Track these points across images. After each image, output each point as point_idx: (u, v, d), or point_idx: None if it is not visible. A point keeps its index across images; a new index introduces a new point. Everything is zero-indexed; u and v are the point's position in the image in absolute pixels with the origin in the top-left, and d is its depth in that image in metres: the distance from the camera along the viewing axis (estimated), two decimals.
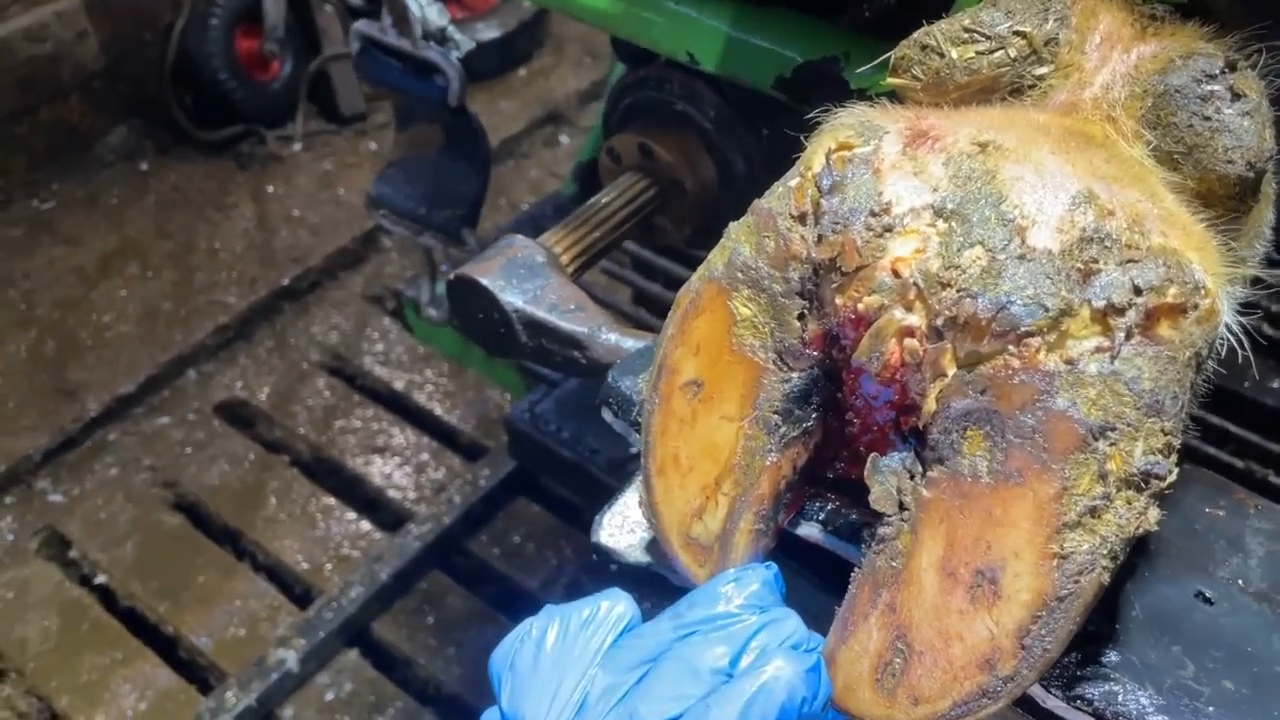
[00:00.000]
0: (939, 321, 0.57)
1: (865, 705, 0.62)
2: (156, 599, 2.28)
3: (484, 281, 0.93)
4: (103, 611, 2.26)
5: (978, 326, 0.56)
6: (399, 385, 2.70)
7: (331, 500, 2.46)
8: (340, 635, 2.21)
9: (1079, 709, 0.61)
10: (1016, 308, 0.54)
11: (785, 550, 0.71)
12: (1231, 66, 0.59)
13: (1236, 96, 0.58)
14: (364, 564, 2.29)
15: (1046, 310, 0.54)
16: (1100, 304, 0.54)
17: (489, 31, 3.54)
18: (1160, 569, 0.68)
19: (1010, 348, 0.55)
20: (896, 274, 0.58)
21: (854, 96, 0.82)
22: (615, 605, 0.65)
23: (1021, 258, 0.55)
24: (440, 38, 1.22)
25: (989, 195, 0.57)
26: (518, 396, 1.87)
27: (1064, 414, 0.54)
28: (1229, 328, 0.57)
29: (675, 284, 1.64)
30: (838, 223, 0.60)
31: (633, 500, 0.79)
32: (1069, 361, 0.54)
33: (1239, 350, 0.57)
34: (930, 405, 0.58)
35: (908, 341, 0.58)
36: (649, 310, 1.81)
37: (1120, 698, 0.60)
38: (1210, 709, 0.59)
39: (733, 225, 0.67)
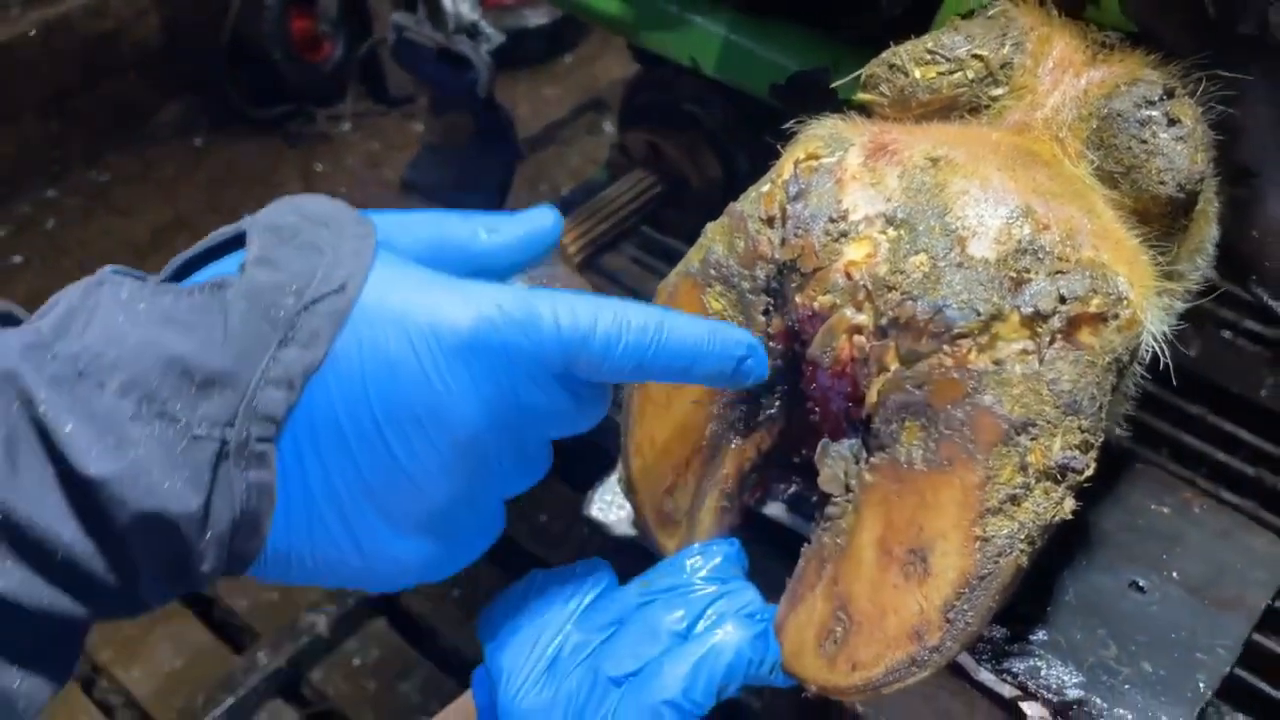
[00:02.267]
0: (884, 321, 0.62)
1: (810, 669, 0.68)
2: None
3: None
4: None
5: (917, 327, 0.61)
6: None
7: None
8: (370, 604, 2.28)
9: (1005, 681, 0.66)
10: (951, 311, 0.60)
11: (756, 530, 0.76)
12: (1170, 93, 0.63)
13: (1172, 122, 0.63)
14: None
15: (978, 314, 0.59)
16: (1028, 310, 0.59)
17: (536, 18, 3.60)
18: (1098, 559, 0.73)
19: (945, 347, 0.60)
20: (849, 276, 0.64)
21: (842, 106, 0.88)
22: (594, 571, 0.72)
23: (960, 265, 0.61)
24: (472, 31, 1.28)
25: (936, 207, 0.62)
26: None
27: (989, 409, 0.59)
28: (1154, 336, 0.62)
29: None
30: (800, 227, 0.65)
31: (615, 479, 0.85)
32: (997, 362, 0.59)
33: (1162, 358, 0.62)
34: (873, 397, 0.63)
35: (856, 338, 0.64)
36: None
37: (1043, 672, 0.65)
38: (1126, 686, 0.64)
39: (710, 225, 0.72)
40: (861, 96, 0.72)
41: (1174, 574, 0.73)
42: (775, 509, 0.76)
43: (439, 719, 0.78)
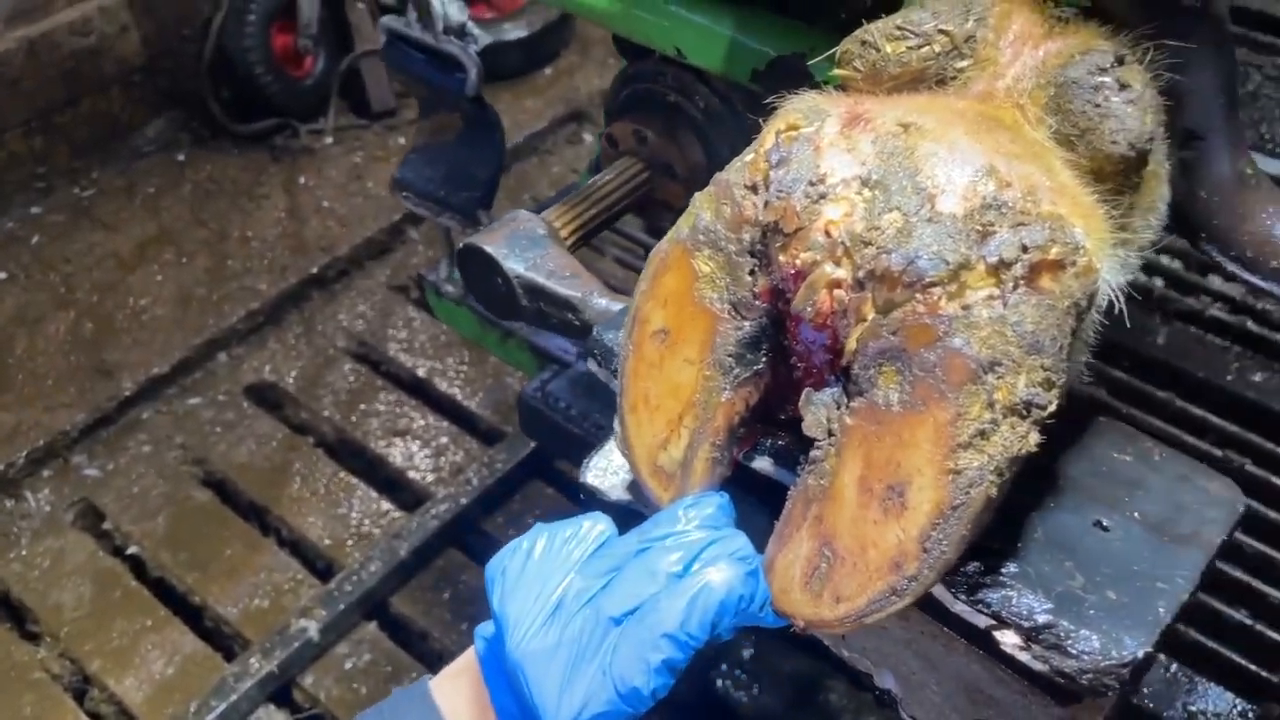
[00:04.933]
0: (861, 274, 0.67)
1: (797, 605, 0.72)
2: (185, 570, 2.40)
3: (489, 249, 1.04)
4: (134, 581, 2.38)
5: (892, 278, 0.66)
6: (421, 371, 2.81)
7: (354, 480, 2.57)
8: (359, 608, 2.31)
9: (980, 611, 0.71)
10: (922, 261, 0.65)
11: (745, 485, 0.81)
12: (1121, 61, 0.69)
13: (1123, 87, 0.68)
14: (384, 541, 2.38)
15: (947, 264, 0.64)
16: (993, 259, 0.64)
17: (515, 31, 3.65)
18: (1065, 501, 0.78)
19: (918, 295, 0.65)
20: (828, 234, 0.69)
21: (820, 87, 0.93)
22: (596, 524, 0.76)
23: (930, 220, 0.66)
24: (460, 32, 1.33)
25: (907, 168, 0.68)
26: (531, 376, 1.98)
27: (959, 351, 0.64)
28: (1110, 286, 0.67)
29: None
30: (782, 191, 0.70)
31: (608, 449, 0.90)
32: (965, 307, 0.64)
33: (1117, 304, 0.67)
34: (852, 345, 0.68)
35: (836, 292, 0.69)
36: None
37: (1014, 601, 0.70)
38: (1092, 612, 0.69)
39: (697, 195, 0.77)
40: (837, 73, 0.78)
41: (1135, 514, 0.77)
42: (762, 462, 0.80)
43: (442, 674, 0.82)
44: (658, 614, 0.69)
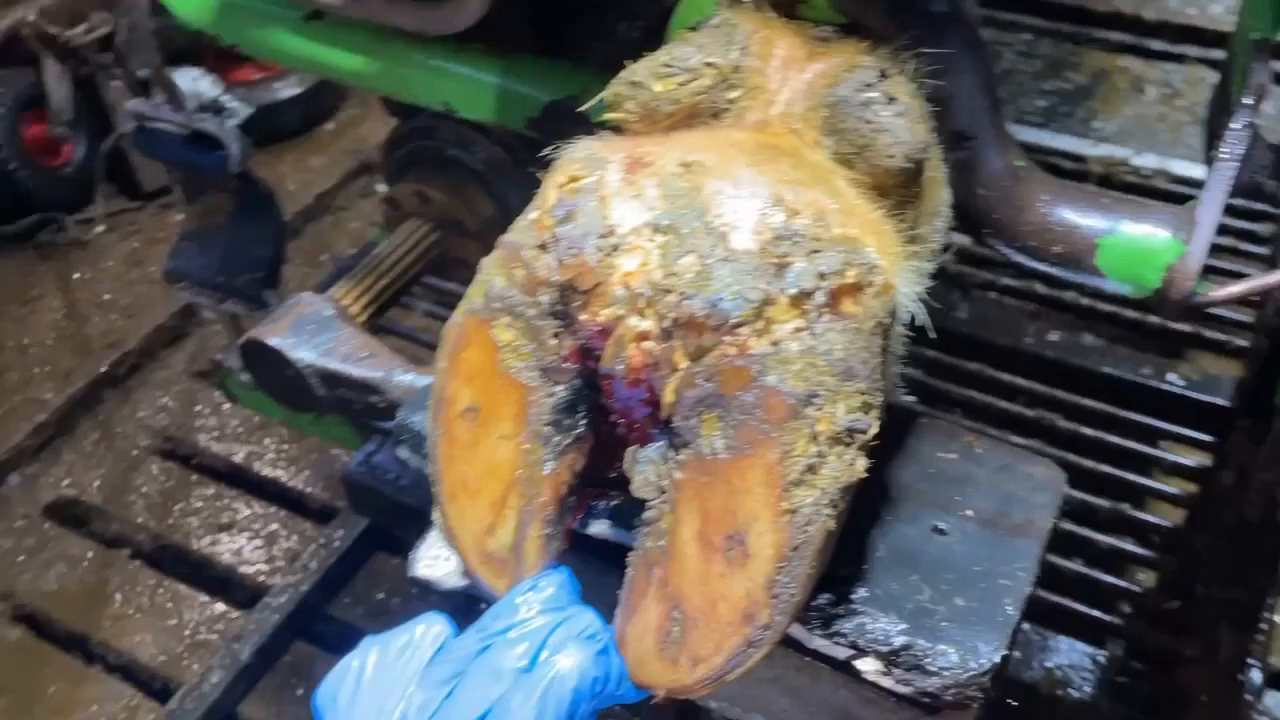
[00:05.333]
0: (667, 324, 0.65)
1: (655, 675, 0.69)
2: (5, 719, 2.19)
3: (273, 342, 0.96)
4: None
5: (697, 323, 0.64)
6: (238, 458, 2.66)
7: (181, 587, 2.39)
8: None
9: (838, 644, 0.69)
10: (725, 303, 0.63)
11: (586, 552, 0.77)
12: (884, 75, 0.69)
13: (890, 100, 0.68)
14: (222, 646, 2.23)
15: (750, 302, 0.63)
16: (794, 291, 0.63)
17: (288, 89, 3.51)
18: (900, 511, 0.78)
19: (726, 338, 0.63)
20: (627, 286, 0.66)
21: (600, 129, 0.91)
22: (431, 627, 0.71)
23: (726, 259, 0.64)
24: (215, 108, 1.25)
25: (696, 208, 0.66)
26: (354, 450, 1.90)
27: (775, 389, 0.62)
28: (909, 299, 0.67)
29: None
30: (572, 248, 0.67)
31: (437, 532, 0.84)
32: (774, 343, 0.63)
33: (917, 316, 0.67)
34: (669, 397, 0.66)
35: (644, 344, 0.66)
36: None
37: (869, 627, 0.69)
38: (944, 624, 0.69)
39: (484, 260, 0.73)
40: (610, 116, 0.75)
41: (969, 511, 0.78)
42: (600, 526, 0.77)
43: None
44: (510, 717, 0.64)
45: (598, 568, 0.76)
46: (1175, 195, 2.34)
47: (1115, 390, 1.94)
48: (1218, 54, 2.62)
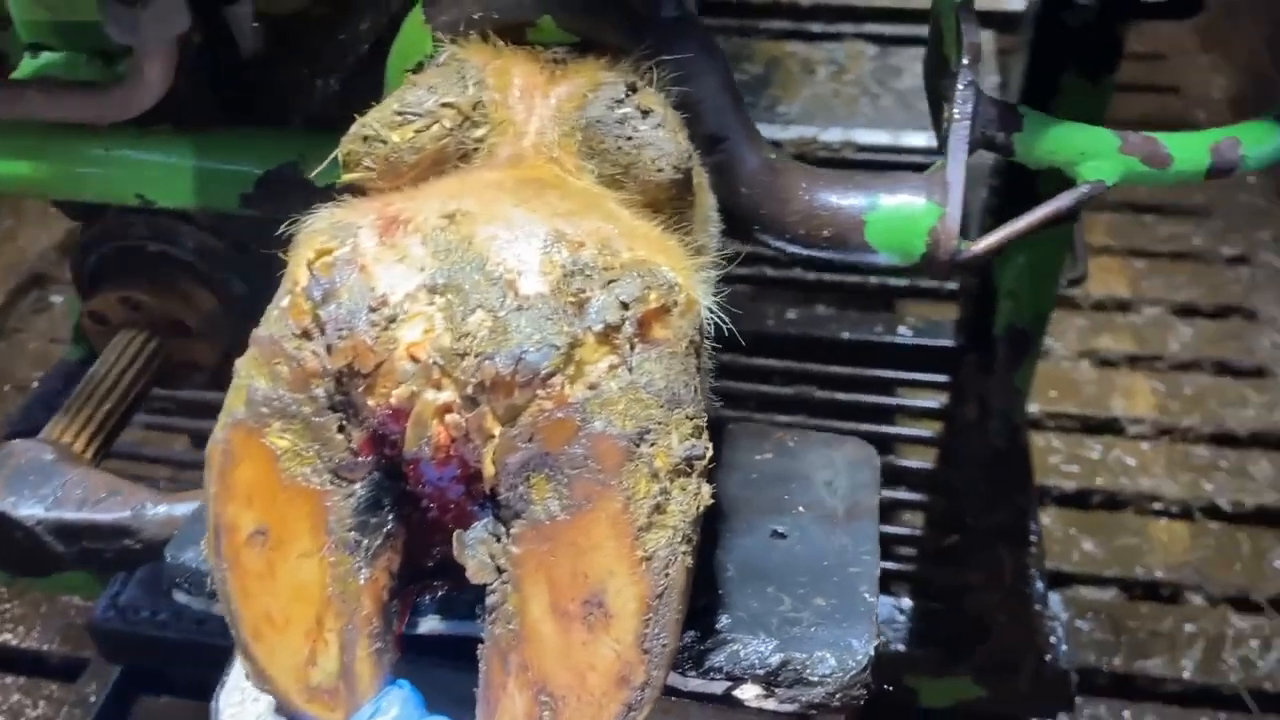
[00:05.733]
0: (470, 390, 0.59)
1: None
2: None
3: None
4: None
5: (503, 383, 0.58)
6: None
7: None
8: None
9: (714, 679, 0.66)
10: (531, 355, 0.58)
11: (421, 652, 0.69)
12: (633, 88, 0.66)
13: (646, 113, 0.65)
14: None
15: (557, 348, 0.58)
16: (599, 327, 0.58)
17: None
18: (736, 525, 0.75)
19: (539, 392, 0.58)
20: (414, 359, 0.59)
21: (330, 195, 0.83)
22: None
23: (519, 308, 0.59)
24: None
25: (472, 260, 0.60)
26: (95, 595, 1.68)
27: (603, 434, 0.58)
28: (710, 310, 0.64)
29: None
30: (341, 329, 0.60)
31: (241, 672, 0.74)
32: (591, 387, 0.58)
33: (723, 325, 0.64)
34: (489, 469, 0.60)
35: (449, 418, 0.60)
36: None
37: (741, 654, 0.66)
38: (812, 629, 0.67)
39: (239, 362, 0.64)
40: (347, 178, 0.68)
41: (799, 509, 0.77)
42: (431, 622, 0.69)
43: None
44: None
45: (436, 667, 0.69)
46: (864, 164, 2.51)
47: (855, 352, 2.04)
48: (873, 28, 2.84)
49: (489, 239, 0.61)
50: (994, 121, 0.78)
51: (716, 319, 0.64)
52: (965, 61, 0.76)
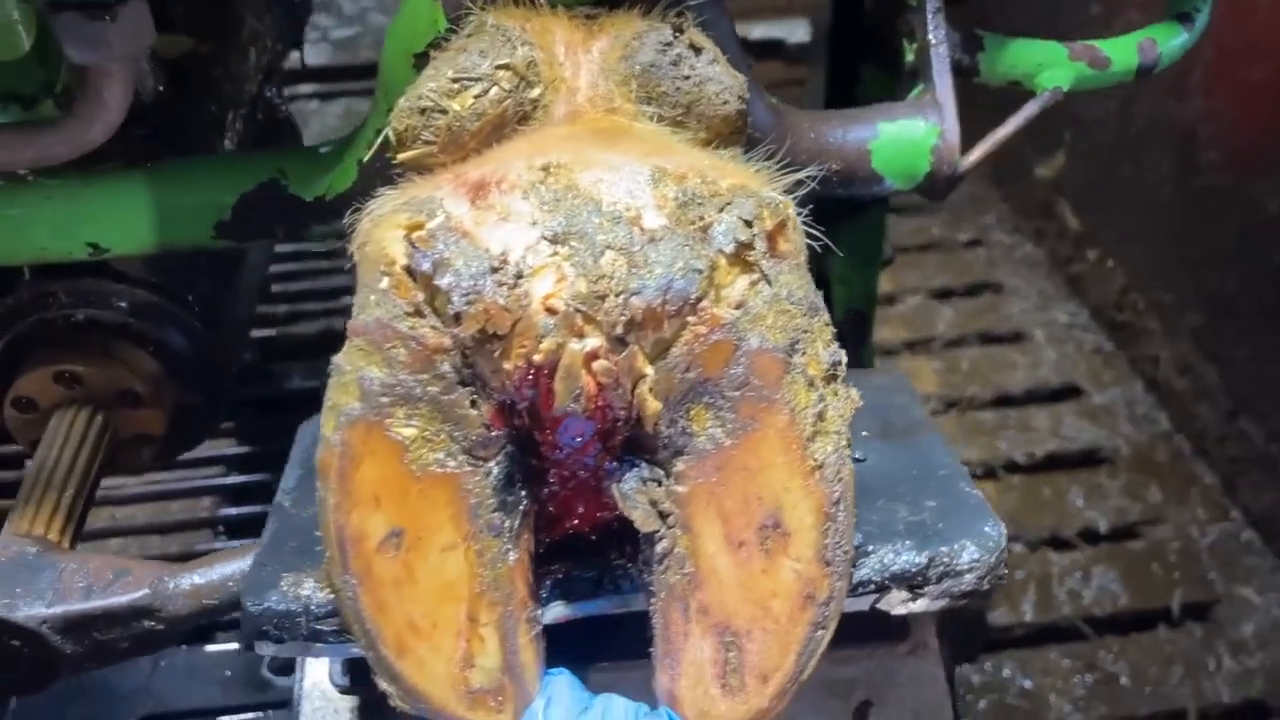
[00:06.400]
0: (618, 330, 0.57)
1: (726, 717, 0.60)
2: None
3: None
4: None
5: (654, 316, 0.57)
6: None
7: None
8: None
9: (863, 593, 0.66)
10: (678, 282, 0.57)
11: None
12: (679, 29, 0.67)
13: (698, 50, 0.66)
14: None
15: (700, 272, 0.57)
16: (731, 248, 0.58)
17: None
18: None
19: (689, 319, 0.57)
20: (552, 311, 0.57)
21: (317, 211, 0.78)
22: None
23: (653, 241, 0.58)
24: None
25: (588, 204, 0.58)
26: None
27: (760, 350, 0.58)
28: (805, 224, 0.65)
29: None
30: (468, 294, 0.56)
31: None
32: (739, 305, 0.58)
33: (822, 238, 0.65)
34: (653, 405, 0.58)
35: (596, 365, 0.57)
36: None
37: (888, 559, 0.67)
38: (940, 525, 0.68)
39: (337, 358, 0.59)
40: (404, 156, 0.65)
41: (864, 433, 0.79)
42: (556, 609, 0.66)
43: None
44: None
45: (574, 658, 0.65)
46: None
47: None
48: None
49: (595, 182, 0.59)
50: (958, 46, 0.84)
51: (817, 231, 0.65)
52: None
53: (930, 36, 0.81)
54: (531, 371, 0.58)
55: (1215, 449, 2.05)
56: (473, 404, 0.59)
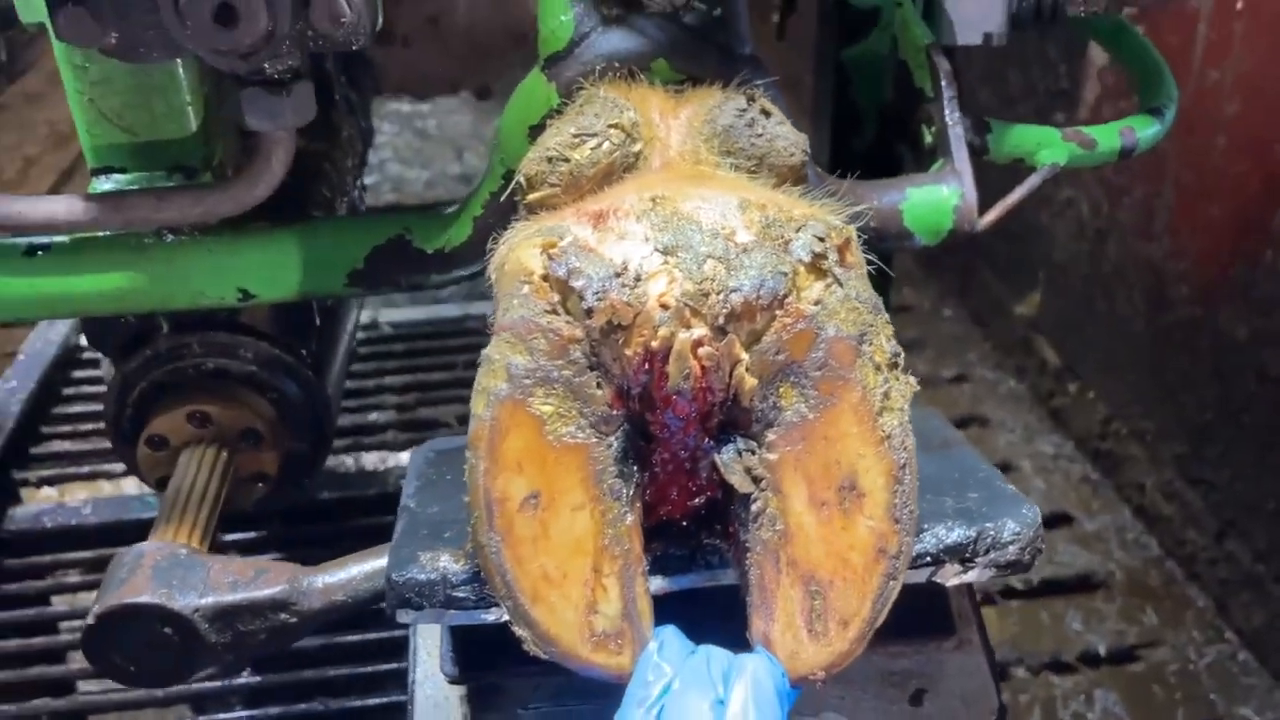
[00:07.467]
0: (720, 321, 0.70)
1: (811, 659, 0.71)
2: None
3: (145, 600, 0.80)
4: None
5: (750, 308, 0.70)
6: None
7: None
8: None
9: (921, 565, 0.77)
10: (769, 281, 0.70)
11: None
12: (751, 98, 0.82)
13: (768, 115, 0.81)
14: None
15: (786, 275, 0.70)
16: (808, 258, 0.72)
17: None
18: None
19: (778, 312, 0.70)
20: (665, 306, 0.70)
21: (438, 262, 0.92)
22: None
23: (745, 251, 0.71)
24: None
25: (691, 225, 0.72)
26: None
27: (837, 337, 0.70)
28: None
29: None
30: (598, 292, 0.69)
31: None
32: (817, 302, 0.71)
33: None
34: (750, 382, 0.70)
35: (702, 350, 0.70)
36: None
37: (942, 534, 0.77)
38: (984, 509, 0.80)
39: (487, 351, 0.71)
40: (532, 197, 0.79)
41: None
42: (656, 583, 0.76)
43: None
44: None
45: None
46: None
47: None
48: None
49: (694, 209, 0.73)
50: (969, 128, 1.00)
51: (873, 256, 0.79)
52: (944, 84, 0.98)
53: (947, 119, 0.97)
54: (648, 357, 0.70)
55: (1206, 571, 2.08)
56: (598, 385, 0.71)
